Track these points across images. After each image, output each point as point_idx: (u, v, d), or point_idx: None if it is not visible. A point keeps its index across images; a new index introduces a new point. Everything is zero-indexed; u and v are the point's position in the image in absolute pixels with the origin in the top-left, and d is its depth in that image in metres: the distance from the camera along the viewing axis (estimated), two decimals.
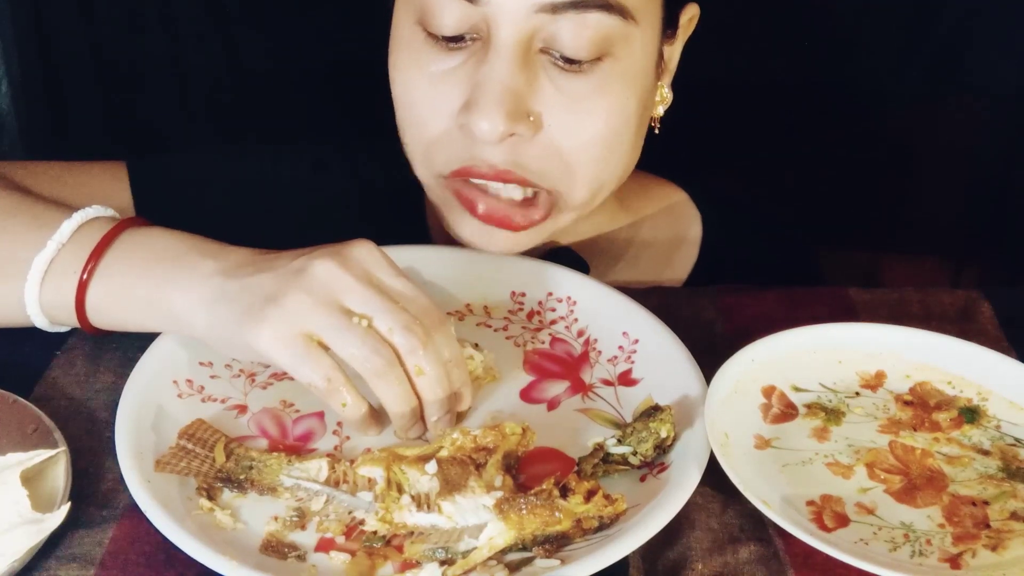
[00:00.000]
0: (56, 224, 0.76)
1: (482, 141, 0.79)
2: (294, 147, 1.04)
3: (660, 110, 0.89)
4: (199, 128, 1.37)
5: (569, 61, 0.79)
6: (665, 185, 1.04)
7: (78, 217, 0.77)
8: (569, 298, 0.87)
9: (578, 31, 0.77)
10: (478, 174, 0.82)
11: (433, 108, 0.82)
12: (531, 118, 0.79)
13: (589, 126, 0.81)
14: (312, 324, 0.69)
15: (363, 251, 0.72)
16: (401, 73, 0.83)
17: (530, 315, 0.86)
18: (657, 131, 0.90)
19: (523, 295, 0.87)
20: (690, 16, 0.89)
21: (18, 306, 0.76)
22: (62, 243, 0.75)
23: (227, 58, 1.36)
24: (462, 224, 0.86)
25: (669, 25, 0.85)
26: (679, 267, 1.01)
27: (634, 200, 1.00)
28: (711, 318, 0.88)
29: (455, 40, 0.80)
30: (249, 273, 0.72)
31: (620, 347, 0.82)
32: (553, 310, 0.86)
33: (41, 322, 0.78)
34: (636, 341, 0.82)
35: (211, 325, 0.72)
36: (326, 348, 0.69)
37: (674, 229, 1.02)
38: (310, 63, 1.35)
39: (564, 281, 0.88)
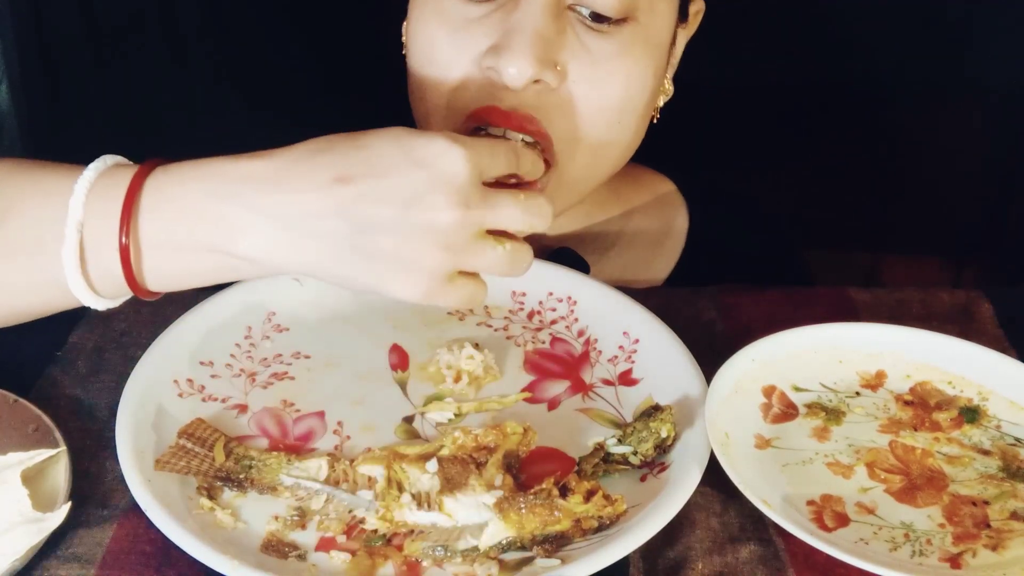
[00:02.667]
0: (67, 193, 0.66)
1: (510, 84, 0.79)
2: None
3: (661, 101, 0.91)
4: (201, 129, 1.37)
5: (597, 19, 0.81)
6: (655, 176, 1.05)
7: (82, 184, 0.66)
8: (569, 298, 0.87)
9: None
10: (497, 116, 0.82)
11: (455, 54, 0.82)
12: (557, 67, 0.81)
13: (609, 86, 0.83)
14: (470, 265, 0.66)
15: (468, 159, 0.65)
16: (421, 26, 0.84)
17: (530, 315, 0.86)
18: (656, 121, 0.91)
19: (523, 295, 0.87)
20: (697, 9, 0.91)
21: (64, 292, 0.67)
22: (80, 222, 0.65)
23: (228, 58, 1.36)
24: None
25: (683, 11, 0.88)
26: (667, 257, 1.02)
27: (625, 190, 1.02)
28: (711, 318, 0.88)
29: None
30: (336, 204, 0.64)
31: (620, 347, 0.82)
32: (553, 310, 0.86)
33: (98, 303, 0.68)
34: (636, 341, 0.82)
35: (314, 267, 0.65)
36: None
37: (663, 220, 1.03)
38: (310, 62, 1.35)
39: (564, 281, 0.88)
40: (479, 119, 0.82)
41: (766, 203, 1.10)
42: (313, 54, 1.35)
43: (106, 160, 0.68)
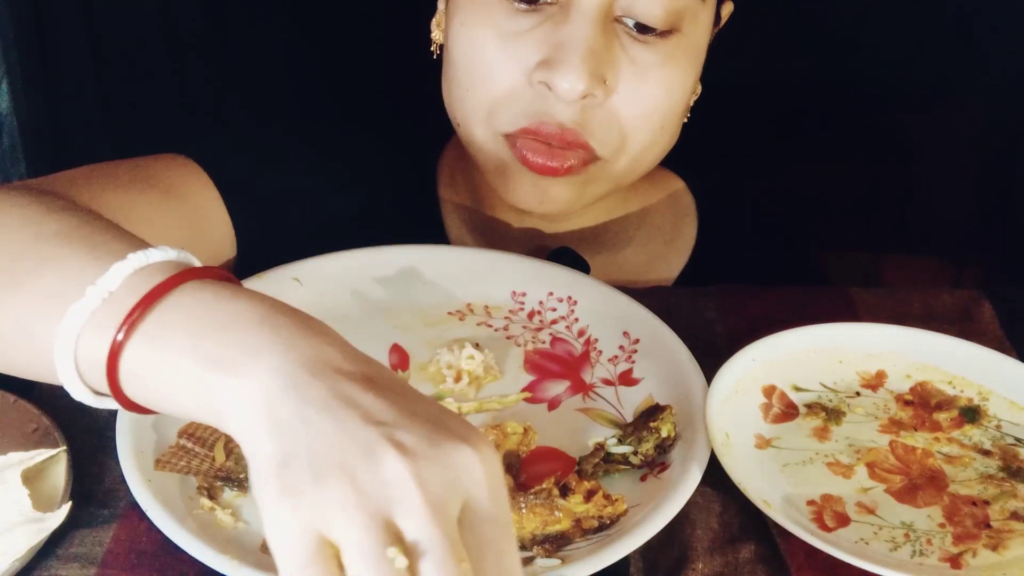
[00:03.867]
0: (110, 261, 0.57)
1: (563, 99, 0.81)
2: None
3: (691, 100, 0.92)
4: (201, 129, 1.37)
5: (643, 30, 0.82)
6: (665, 173, 1.05)
7: (135, 259, 0.57)
8: (570, 298, 0.87)
9: (657, 0, 0.80)
10: (545, 134, 0.84)
11: (504, 65, 0.83)
12: (606, 82, 0.82)
13: (653, 97, 0.84)
14: (337, 532, 0.48)
15: (467, 466, 0.49)
16: (468, 30, 0.84)
17: (531, 315, 0.86)
18: (687, 120, 0.92)
19: (524, 295, 0.87)
20: (727, 11, 0.92)
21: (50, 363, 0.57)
22: (108, 289, 0.56)
23: (229, 59, 1.36)
24: (518, 185, 0.88)
25: (717, 14, 0.89)
26: (680, 254, 1.03)
27: (643, 187, 1.02)
28: (711, 318, 0.88)
29: (531, 2, 0.82)
30: (309, 403, 0.50)
31: (621, 347, 0.82)
32: (554, 310, 0.86)
33: (76, 388, 0.58)
34: (637, 341, 0.82)
35: (248, 452, 0.51)
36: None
37: (675, 217, 1.04)
38: (313, 66, 1.35)
39: (565, 281, 0.88)
40: (531, 134, 0.84)
41: (766, 203, 1.11)
42: (314, 55, 1.35)
43: (182, 251, 0.59)
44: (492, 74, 0.84)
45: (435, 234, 0.98)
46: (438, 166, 1.02)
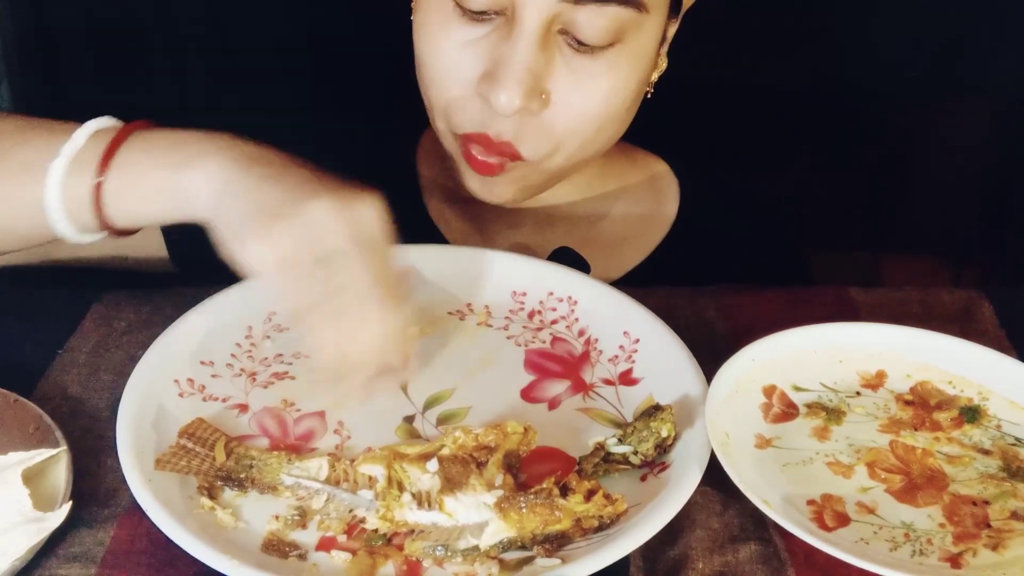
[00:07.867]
0: (70, 131, 0.77)
1: (499, 113, 0.83)
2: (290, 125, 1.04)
3: (655, 76, 0.92)
4: (201, 128, 1.37)
5: (584, 45, 0.83)
6: (649, 156, 1.06)
7: (91, 124, 0.78)
8: (570, 298, 0.87)
9: (595, 21, 0.81)
10: (484, 143, 0.86)
11: (455, 73, 0.86)
12: (543, 96, 0.84)
13: (590, 105, 0.85)
14: (293, 253, 0.68)
15: (366, 211, 0.71)
16: (427, 34, 0.87)
17: (531, 314, 0.86)
18: (650, 96, 0.92)
19: (524, 294, 0.87)
20: None
21: (41, 213, 0.76)
22: (77, 147, 0.76)
23: (230, 59, 1.36)
24: (470, 178, 0.91)
25: (674, 8, 0.89)
26: (652, 236, 1.03)
27: (618, 168, 1.03)
28: (711, 318, 0.88)
29: (481, 14, 0.84)
30: (261, 176, 0.72)
31: (621, 346, 0.82)
32: (554, 309, 0.86)
33: (64, 227, 0.76)
34: (637, 340, 0.82)
35: (216, 217, 0.72)
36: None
37: (653, 199, 1.05)
38: (310, 65, 1.36)
39: (565, 280, 0.88)
40: (471, 141, 0.87)
41: (766, 202, 1.10)
42: (312, 56, 1.35)
43: (109, 120, 0.79)
44: (445, 80, 0.86)
45: (415, 210, 1.00)
46: (419, 144, 1.04)
